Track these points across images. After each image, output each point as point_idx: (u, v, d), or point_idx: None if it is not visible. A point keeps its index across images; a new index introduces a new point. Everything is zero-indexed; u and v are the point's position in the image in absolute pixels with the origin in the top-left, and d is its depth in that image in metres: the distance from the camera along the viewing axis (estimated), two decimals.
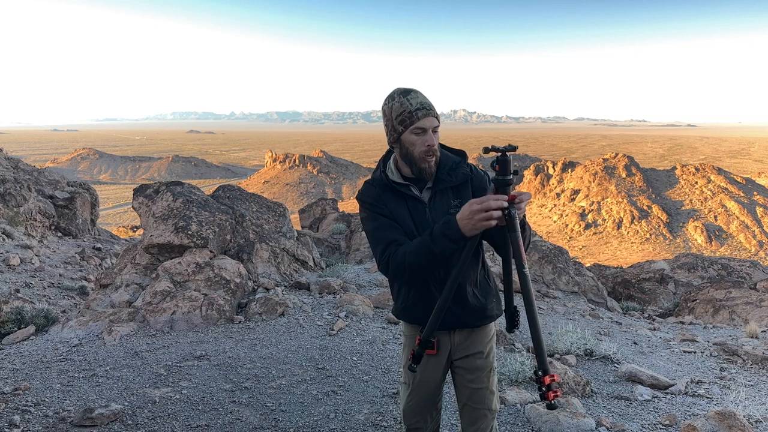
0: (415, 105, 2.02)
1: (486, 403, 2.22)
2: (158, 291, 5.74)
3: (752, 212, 60.74)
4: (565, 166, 79.68)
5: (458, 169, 2.13)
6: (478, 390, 2.22)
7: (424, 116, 2.00)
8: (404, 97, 2.04)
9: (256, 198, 8.55)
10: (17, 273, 9.69)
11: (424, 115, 2.00)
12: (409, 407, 2.29)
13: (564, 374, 4.20)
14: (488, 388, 2.22)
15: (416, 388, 2.25)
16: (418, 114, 2.00)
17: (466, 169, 2.14)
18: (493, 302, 2.22)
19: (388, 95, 2.08)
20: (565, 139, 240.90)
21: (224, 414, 3.58)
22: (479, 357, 2.21)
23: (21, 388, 3.87)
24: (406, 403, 2.31)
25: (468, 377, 2.22)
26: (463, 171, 2.13)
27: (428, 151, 2.03)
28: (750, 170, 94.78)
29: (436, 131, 2.05)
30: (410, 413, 2.30)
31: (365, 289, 7.28)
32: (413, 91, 2.06)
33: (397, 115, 2.02)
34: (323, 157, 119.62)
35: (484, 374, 2.22)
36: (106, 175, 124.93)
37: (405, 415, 2.32)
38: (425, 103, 2.02)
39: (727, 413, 3.16)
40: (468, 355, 2.21)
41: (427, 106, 2.02)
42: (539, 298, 8.54)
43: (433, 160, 2.07)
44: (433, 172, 2.09)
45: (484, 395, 2.22)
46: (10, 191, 13.06)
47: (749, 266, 12.85)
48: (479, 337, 2.21)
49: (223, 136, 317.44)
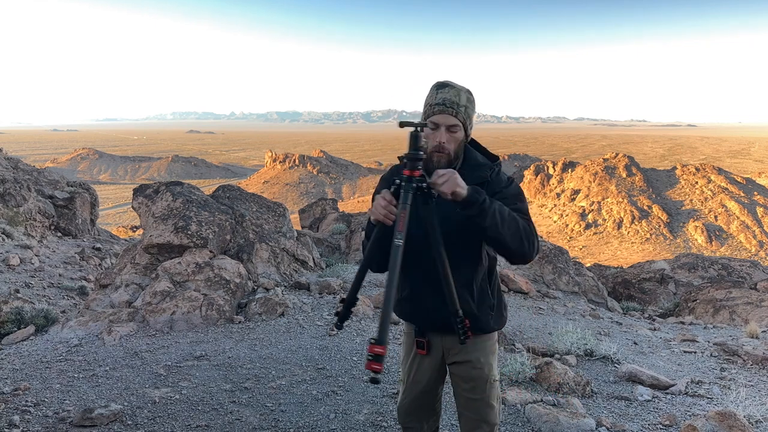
0: (437, 99, 2.01)
1: (482, 415, 2.16)
2: (158, 291, 5.74)
3: (752, 212, 60.73)
4: (565, 166, 79.65)
5: (478, 171, 2.06)
6: (474, 401, 2.17)
7: (440, 112, 1.99)
8: (436, 90, 2.04)
9: (256, 198, 8.55)
10: (17, 273, 9.68)
11: (439, 111, 1.99)
12: (403, 405, 2.29)
13: (564, 374, 4.20)
14: (484, 401, 2.16)
15: (410, 386, 2.25)
16: (435, 109, 2.00)
17: (486, 173, 2.06)
18: (489, 314, 2.13)
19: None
20: (565, 139, 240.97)
21: (224, 414, 3.57)
22: (471, 367, 2.15)
23: (21, 389, 3.87)
24: (401, 401, 2.31)
25: (463, 386, 2.18)
26: (481, 174, 2.06)
27: (436, 147, 2.01)
28: (750, 170, 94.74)
29: (453, 130, 2.01)
30: (403, 412, 2.30)
31: (365, 289, 7.28)
32: (448, 86, 2.04)
33: (424, 106, 2.06)
34: (323, 157, 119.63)
35: (480, 385, 2.15)
36: (105, 175, 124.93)
37: (399, 412, 2.33)
38: (448, 100, 1.99)
39: (728, 413, 3.16)
40: (460, 362, 2.16)
41: (447, 103, 1.99)
42: (539, 298, 8.53)
43: (442, 158, 2.01)
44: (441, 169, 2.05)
45: (479, 407, 2.16)
46: (10, 191, 13.05)
47: (749, 266, 12.85)
48: (472, 346, 2.12)
49: (223, 136, 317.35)
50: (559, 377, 4.17)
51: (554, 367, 4.27)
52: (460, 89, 2.04)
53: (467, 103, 2.04)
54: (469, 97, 2.06)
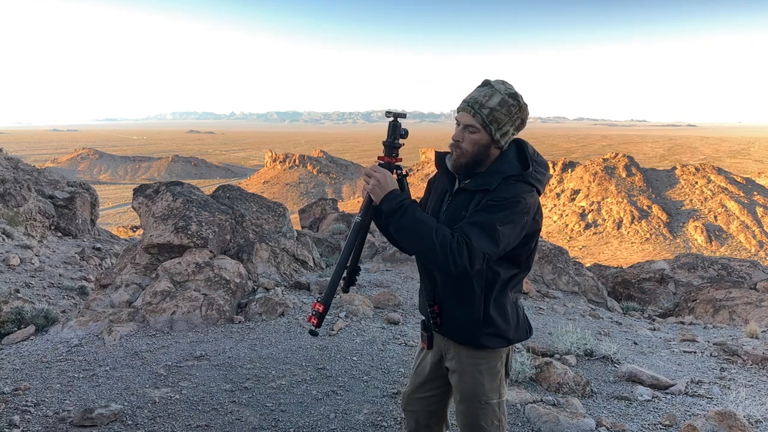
0: (468, 96, 2.00)
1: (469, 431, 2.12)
2: (158, 291, 5.74)
3: (752, 212, 60.75)
4: (565, 166, 79.66)
5: (489, 177, 1.96)
6: (462, 414, 2.12)
7: (461, 110, 2.00)
8: (477, 87, 2.03)
9: (256, 198, 8.55)
10: (17, 273, 9.68)
11: (461, 108, 2.00)
12: (406, 392, 2.34)
13: (564, 374, 4.20)
14: (471, 418, 2.09)
15: (413, 374, 2.32)
16: (460, 105, 2.01)
17: (495, 180, 1.93)
18: (483, 330, 2.02)
19: None
20: (565, 139, 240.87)
21: (224, 414, 3.58)
22: (460, 379, 2.09)
23: (21, 388, 3.87)
24: (407, 386, 2.37)
25: (456, 396, 2.15)
26: (489, 180, 1.95)
27: (452, 144, 2.02)
28: (750, 170, 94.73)
29: (471, 131, 1.96)
30: (405, 398, 2.34)
31: (365, 289, 7.28)
32: (486, 85, 1.99)
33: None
34: (323, 157, 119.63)
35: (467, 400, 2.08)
36: (106, 175, 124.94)
37: (402, 396, 2.38)
38: (472, 99, 1.96)
39: (727, 413, 3.16)
40: (452, 370, 2.13)
41: (470, 102, 1.96)
42: (539, 298, 8.54)
43: (460, 157, 2.00)
44: (460, 169, 2.02)
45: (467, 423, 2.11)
46: (10, 191, 13.05)
47: (749, 266, 12.85)
48: (465, 358, 2.08)
49: (223, 136, 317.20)
50: (559, 377, 4.18)
51: (554, 367, 4.27)
52: (497, 90, 1.94)
53: (498, 107, 1.92)
54: (507, 100, 1.92)
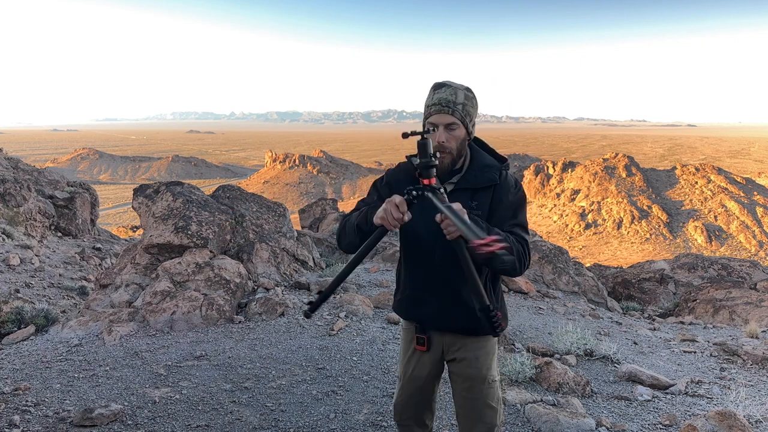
0: (434, 100, 2.01)
1: (478, 415, 2.16)
2: (158, 291, 5.74)
3: (752, 212, 60.71)
4: (565, 166, 79.63)
5: (486, 172, 2.07)
6: (471, 400, 2.17)
7: (437, 113, 2.00)
8: (433, 90, 2.05)
9: (256, 198, 8.55)
10: (17, 273, 9.68)
11: (436, 111, 2.00)
12: (400, 402, 2.30)
13: (564, 374, 4.20)
14: (481, 401, 2.16)
15: (407, 383, 2.26)
16: (432, 110, 2.02)
17: (495, 174, 2.07)
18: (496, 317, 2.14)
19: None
20: (565, 139, 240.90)
21: (224, 414, 3.58)
22: (468, 365, 2.15)
23: (21, 388, 3.87)
24: (397, 397, 2.32)
25: (461, 384, 2.19)
26: (490, 176, 2.06)
27: (438, 147, 2.02)
28: (750, 170, 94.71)
29: (452, 128, 2.01)
30: (400, 408, 2.31)
31: (365, 289, 7.28)
32: (445, 86, 2.04)
33: (424, 108, 2.08)
34: (323, 157, 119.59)
35: (477, 385, 2.15)
36: (106, 175, 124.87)
37: (395, 409, 2.34)
38: (443, 99, 2.00)
39: (727, 413, 3.16)
40: (459, 359, 2.17)
41: (443, 102, 1.99)
42: (539, 298, 8.54)
43: (445, 157, 2.03)
44: (446, 168, 2.05)
45: (476, 407, 2.16)
46: (10, 191, 13.05)
47: (749, 266, 12.84)
48: (471, 345, 2.15)
49: (223, 136, 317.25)
50: (559, 377, 4.18)
51: (554, 367, 4.28)
52: (457, 87, 2.04)
53: (465, 101, 2.03)
54: (468, 94, 2.05)
